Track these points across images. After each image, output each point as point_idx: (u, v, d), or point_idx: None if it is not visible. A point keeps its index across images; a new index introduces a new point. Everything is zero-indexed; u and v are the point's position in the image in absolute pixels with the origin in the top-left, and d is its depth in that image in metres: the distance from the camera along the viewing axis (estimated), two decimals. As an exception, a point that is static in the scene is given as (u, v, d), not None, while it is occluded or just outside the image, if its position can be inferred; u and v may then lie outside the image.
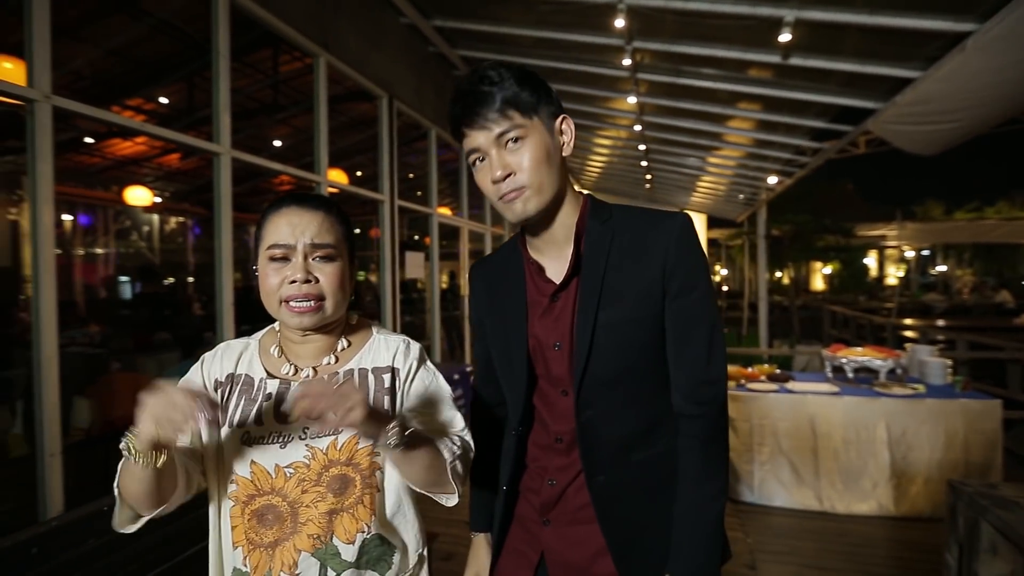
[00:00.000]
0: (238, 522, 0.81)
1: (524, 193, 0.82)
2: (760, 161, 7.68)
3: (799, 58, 3.74)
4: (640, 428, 0.87)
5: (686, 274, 0.83)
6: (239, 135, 2.91)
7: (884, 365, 3.13)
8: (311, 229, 0.81)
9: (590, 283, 0.84)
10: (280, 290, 0.80)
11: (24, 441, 2.28)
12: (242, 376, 0.85)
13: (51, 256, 2.02)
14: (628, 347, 0.84)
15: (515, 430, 0.93)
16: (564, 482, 0.90)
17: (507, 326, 0.92)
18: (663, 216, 0.86)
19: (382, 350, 0.90)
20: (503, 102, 0.79)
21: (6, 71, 3.23)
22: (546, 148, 0.82)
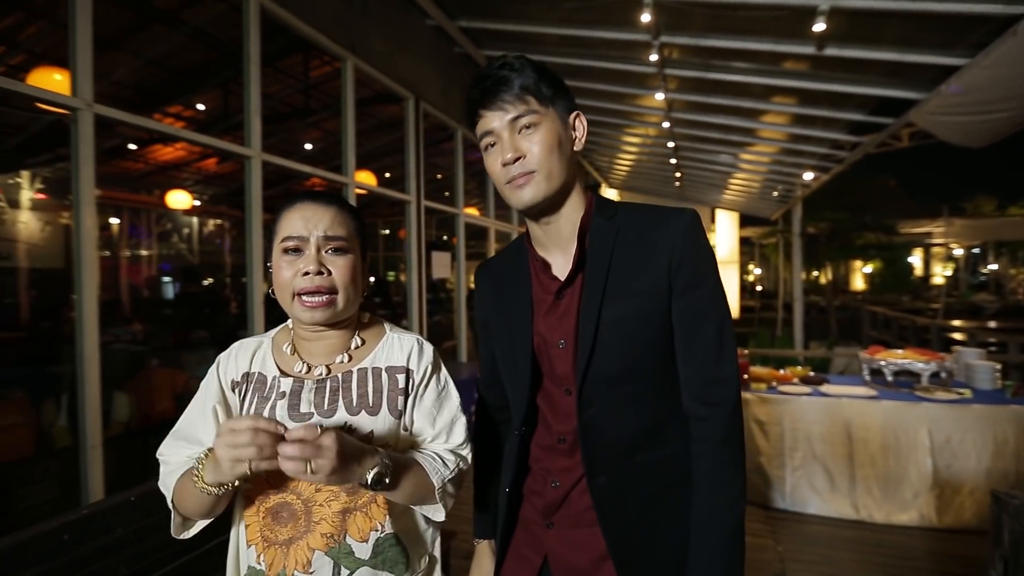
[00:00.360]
0: (252, 520, 0.82)
1: (533, 178, 0.82)
2: (795, 157, 7.44)
3: (835, 48, 3.60)
4: (645, 428, 0.85)
5: (693, 270, 0.82)
6: (272, 139, 2.99)
7: (927, 368, 2.98)
8: (324, 222, 0.82)
9: (594, 279, 0.83)
10: (293, 282, 0.81)
11: (68, 433, 2.40)
12: (255, 374, 0.86)
13: (93, 257, 2.11)
14: (633, 344, 0.83)
15: (518, 431, 0.92)
16: (568, 484, 0.88)
17: (512, 324, 0.91)
18: (669, 212, 0.85)
19: (396, 349, 0.90)
20: (521, 87, 0.81)
21: (56, 83, 3.41)
22: (558, 137, 0.83)
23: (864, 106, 4.99)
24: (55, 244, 7.74)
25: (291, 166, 3.35)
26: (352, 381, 0.85)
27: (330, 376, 0.85)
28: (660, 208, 0.87)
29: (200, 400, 0.87)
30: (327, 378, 0.85)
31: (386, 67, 4.02)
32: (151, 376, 2.91)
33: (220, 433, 0.68)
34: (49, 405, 2.47)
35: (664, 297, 0.82)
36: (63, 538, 0.92)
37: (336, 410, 0.83)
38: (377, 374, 0.87)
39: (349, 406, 0.83)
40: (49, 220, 7.43)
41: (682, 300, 0.82)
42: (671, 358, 0.85)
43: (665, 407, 0.86)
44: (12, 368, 3.30)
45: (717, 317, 0.82)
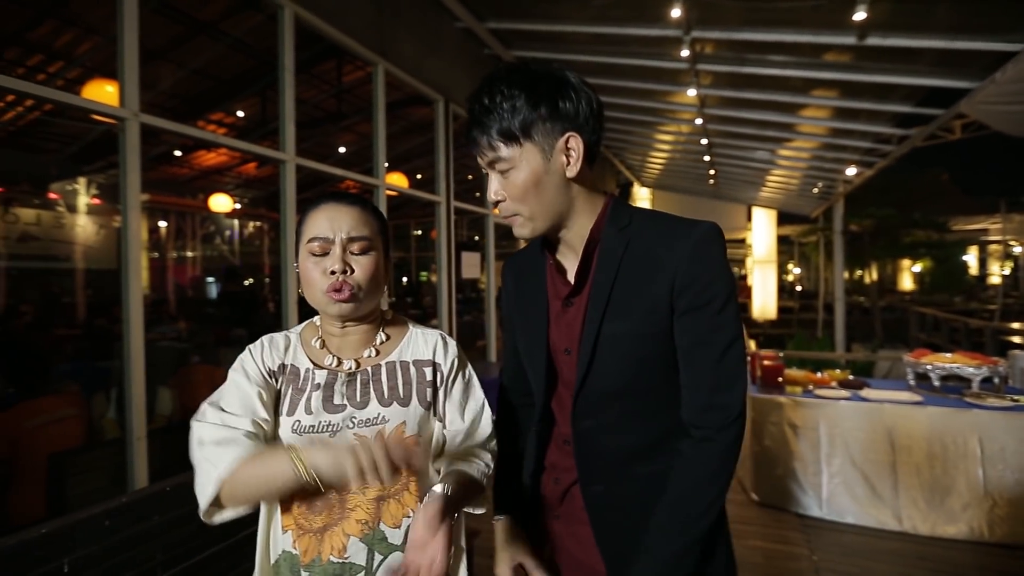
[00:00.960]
0: (288, 507, 0.84)
1: (516, 220, 0.84)
2: (837, 152, 7.15)
3: (877, 38, 3.44)
4: (644, 441, 0.84)
5: (699, 290, 0.78)
6: (307, 143, 3.08)
7: (978, 373, 2.82)
8: (348, 223, 0.86)
9: (599, 292, 0.83)
10: (321, 282, 0.85)
11: (116, 425, 2.54)
12: (289, 366, 0.89)
13: (139, 259, 2.23)
14: (630, 362, 0.82)
15: (537, 426, 0.94)
16: (567, 482, 0.90)
17: (530, 324, 0.93)
18: (682, 226, 0.81)
19: (420, 343, 0.94)
20: (490, 134, 0.79)
21: (108, 94, 3.62)
22: (535, 176, 0.80)
23: (911, 97, 4.75)
24: (109, 246, 8.19)
25: (324, 169, 3.44)
26: (382, 374, 0.89)
27: (360, 370, 0.89)
28: (674, 221, 0.83)
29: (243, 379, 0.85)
30: (357, 371, 0.89)
31: (416, 70, 4.08)
32: (192, 372, 3.05)
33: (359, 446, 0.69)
34: (100, 398, 2.62)
35: (665, 318, 0.80)
36: (104, 524, 0.98)
37: (369, 402, 0.86)
38: (405, 367, 0.91)
39: (381, 398, 0.87)
40: (103, 224, 7.87)
41: (682, 321, 0.79)
42: (675, 374, 0.83)
43: (668, 421, 0.84)
44: (68, 363, 3.51)
45: (722, 341, 0.78)
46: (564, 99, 0.79)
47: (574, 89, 0.80)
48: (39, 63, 4.69)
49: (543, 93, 0.78)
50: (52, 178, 6.55)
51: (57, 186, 6.64)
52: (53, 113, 5.52)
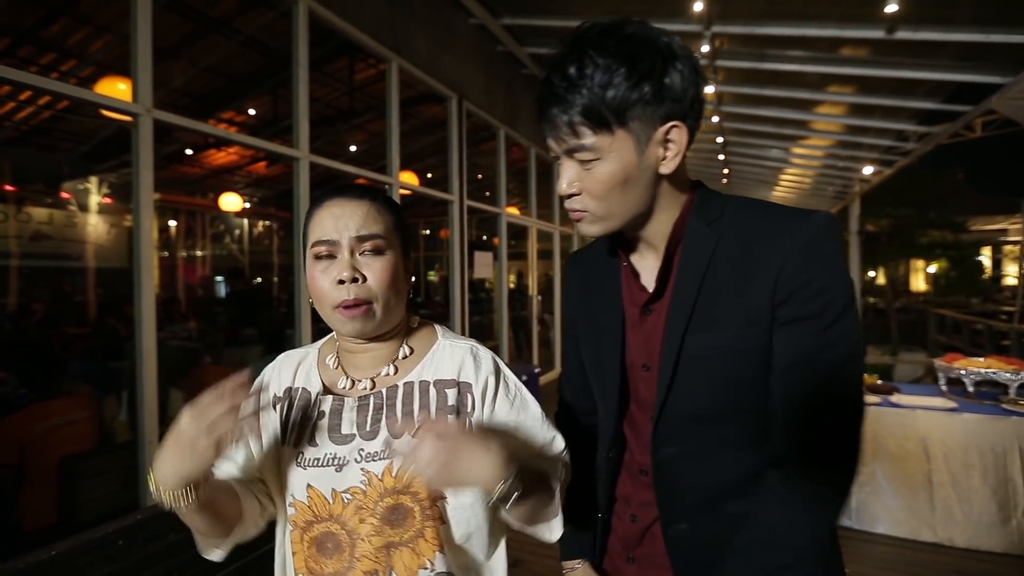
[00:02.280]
0: (298, 548, 0.75)
1: (584, 217, 0.70)
2: (853, 150, 7.02)
3: (907, 31, 3.33)
4: (736, 475, 0.71)
5: (807, 298, 0.63)
6: (319, 141, 3.03)
7: (1016, 379, 2.70)
8: (355, 220, 0.73)
9: (681, 299, 0.69)
10: (329, 295, 0.72)
11: (128, 428, 2.49)
12: (299, 390, 0.79)
13: (150, 257, 2.18)
14: (720, 382, 0.68)
15: (608, 453, 0.81)
16: (647, 520, 0.77)
17: (600, 335, 0.79)
18: (788, 218, 0.66)
19: (446, 359, 0.79)
20: (575, 114, 0.63)
21: (120, 92, 3.58)
22: (624, 172, 0.65)
23: (935, 93, 4.64)
24: (120, 245, 8.20)
25: (337, 167, 3.39)
26: (397, 397, 0.76)
27: (374, 392, 0.77)
28: (777, 211, 0.68)
29: None
30: (371, 394, 0.76)
31: (430, 67, 4.02)
32: (204, 373, 3.00)
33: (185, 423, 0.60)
34: (111, 400, 2.58)
35: (764, 331, 0.65)
36: (118, 543, 0.92)
37: (379, 431, 0.74)
38: (424, 389, 0.77)
39: (392, 427, 0.74)
40: (114, 223, 7.89)
41: (784, 335, 0.64)
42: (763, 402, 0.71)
43: (765, 452, 0.71)
44: (79, 363, 3.48)
45: (833, 360, 0.63)
46: (672, 75, 0.62)
47: (682, 62, 0.63)
48: (52, 61, 4.67)
49: (648, 67, 0.61)
50: (64, 177, 6.56)
51: (69, 185, 6.65)
52: (66, 111, 5.51)
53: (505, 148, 5.37)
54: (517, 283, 8.54)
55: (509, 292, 6.20)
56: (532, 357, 6.40)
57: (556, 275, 7.32)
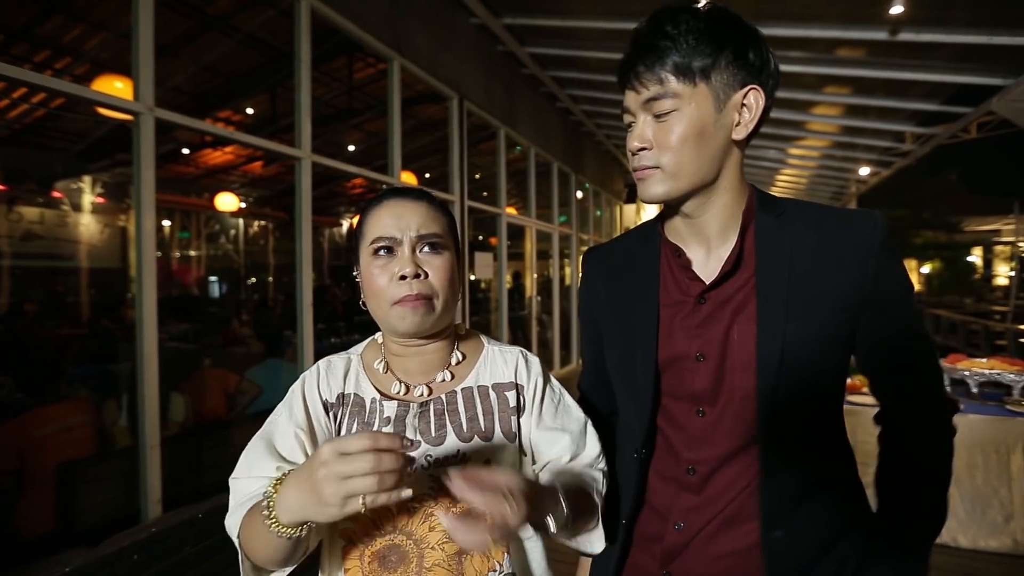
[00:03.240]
0: (354, 564, 0.71)
1: (655, 174, 0.70)
2: (849, 151, 7.06)
3: (910, 33, 3.34)
4: (817, 469, 0.72)
5: (895, 283, 0.70)
6: (316, 141, 2.99)
7: (1018, 380, 2.72)
8: (416, 219, 0.74)
9: (772, 286, 0.69)
10: (389, 290, 0.72)
11: (128, 432, 2.45)
12: (351, 396, 0.76)
13: (152, 258, 2.14)
14: (815, 370, 0.70)
15: (637, 453, 0.78)
16: (696, 527, 0.73)
17: (632, 328, 0.77)
18: (854, 214, 0.72)
19: (499, 363, 0.80)
20: (663, 63, 0.66)
21: (117, 90, 3.53)
22: (701, 126, 0.67)
23: (933, 95, 4.66)
24: (113, 245, 8.11)
25: (339, 167, 3.36)
26: (458, 402, 0.75)
27: (433, 397, 0.75)
28: (840, 210, 0.74)
29: (285, 414, 0.74)
30: (430, 400, 0.75)
31: (431, 67, 3.99)
32: (204, 376, 2.97)
33: (324, 461, 0.53)
34: (110, 404, 2.54)
35: (853, 317, 0.70)
36: (133, 559, 0.89)
37: (445, 436, 0.73)
38: (484, 393, 0.77)
39: (459, 431, 0.73)
40: (108, 223, 7.80)
41: (883, 316, 0.70)
42: (843, 389, 0.75)
43: (836, 446, 0.74)
44: (76, 366, 3.42)
45: (924, 336, 0.73)
46: (753, 49, 0.68)
47: (764, 44, 0.69)
48: (46, 59, 4.61)
49: (732, 35, 0.67)
50: (57, 176, 6.47)
51: (62, 184, 6.56)
52: (60, 109, 5.43)
53: (505, 148, 5.35)
54: (514, 283, 8.53)
55: (507, 292, 6.18)
56: (531, 358, 6.38)
57: (555, 275, 7.31)
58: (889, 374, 0.74)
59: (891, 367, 0.73)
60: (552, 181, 6.70)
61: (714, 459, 0.72)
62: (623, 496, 0.80)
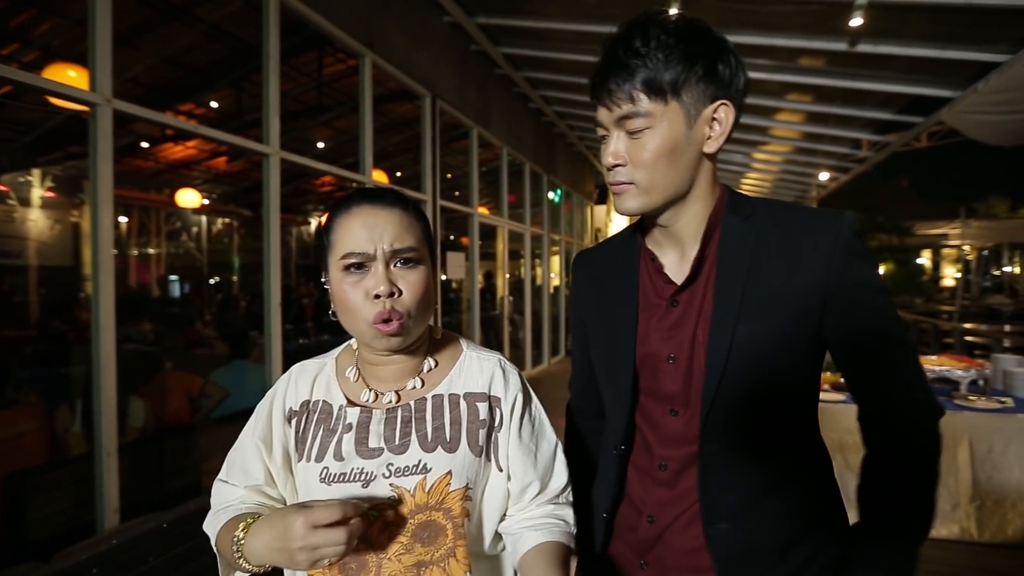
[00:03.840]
0: (315, 572, 0.70)
1: (629, 189, 0.71)
2: (810, 156, 7.33)
3: (868, 44, 3.49)
4: (779, 471, 0.73)
5: (865, 284, 0.69)
6: (284, 137, 2.92)
7: (965, 376, 2.87)
8: (390, 231, 0.70)
9: (728, 287, 0.71)
10: (363, 310, 0.69)
11: (82, 439, 2.33)
12: (319, 403, 0.75)
13: (110, 256, 2.05)
14: (772, 370, 0.70)
15: (616, 450, 0.80)
16: (666, 520, 0.76)
17: (613, 329, 0.80)
18: (822, 215, 0.72)
19: (474, 371, 0.78)
20: (634, 81, 0.67)
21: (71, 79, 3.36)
22: (673, 142, 0.69)
23: (887, 105, 4.88)
24: (64, 242, 7.72)
25: (309, 164, 3.29)
26: (426, 410, 0.74)
27: (401, 404, 0.74)
28: (809, 210, 0.75)
29: (252, 425, 0.76)
30: (398, 406, 0.74)
31: (404, 64, 3.95)
32: (165, 379, 2.85)
33: (296, 535, 0.58)
34: (63, 409, 2.41)
35: (814, 321, 0.70)
36: (92, 572, 0.84)
37: (409, 445, 0.71)
38: (455, 402, 0.75)
39: (423, 441, 0.72)
40: (59, 218, 7.42)
41: (854, 317, 0.69)
42: (811, 388, 0.75)
43: (802, 449, 0.75)
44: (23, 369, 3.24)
45: (902, 334, 0.71)
46: (723, 63, 0.68)
47: (734, 56, 0.69)
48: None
49: (702, 50, 0.67)
50: (3, 169, 6.12)
51: (8, 178, 6.21)
52: (6, 98, 5.14)
53: (477, 147, 5.33)
54: (486, 283, 8.52)
55: (479, 292, 6.17)
56: (503, 358, 6.38)
57: (526, 275, 7.33)
58: (863, 377, 0.74)
59: (865, 370, 0.73)
60: (524, 181, 6.72)
61: (684, 457, 0.74)
62: (604, 490, 0.82)
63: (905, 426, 0.72)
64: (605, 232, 10.68)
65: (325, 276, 0.74)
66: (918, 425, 0.72)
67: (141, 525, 1.00)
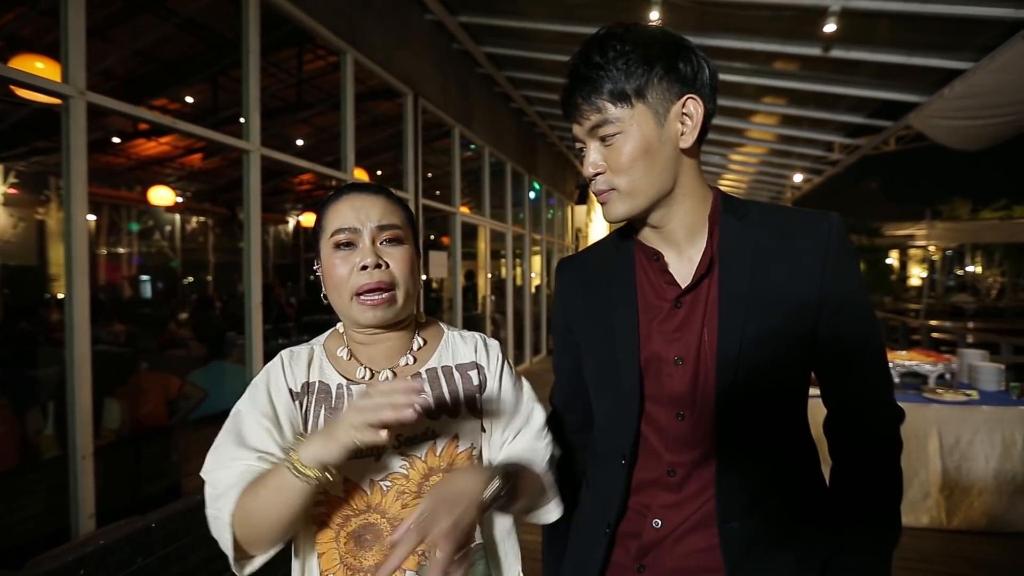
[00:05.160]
0: (329, 547, 0.73)
1: (612, 196, 0.73)
2: (785, 158, 7.51)
3: (840, 50, 3.60)
4: (780, 464, 0.75)
5: (851, 284, 0.72)
6: (264, 134, 2.87)
7: (933, 370, 2.98)
8: (375, 211, 0.76)
9: (734, 287, 0.72)
10: (351, 280, 0.74)
11: (55, 442, 2.26)
12: (316, 384, 0.77)
13: (85, 254, 1.99)
14: (777, 369, 0.72)
15: (623, 459, 0.78)
16: (673, 523, 0.75)
17: (612, 335, 0.78)
18: (812, 215, 0.74)
19: (460, 346, 0.85)
20: (598, 92, 0.69)
21: (39, 71, 3.24)
22: (646, 143, 0.70)
23: (858, 109, 5.04)
24: (29, 241, 7.44)
25: (291, 161, 3.24)
26: (424, 383, 0.79)
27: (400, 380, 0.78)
28: (799, 210, 0.76)
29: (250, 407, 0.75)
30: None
31: (385, 62, 3.92)
32: (141, 381, 2.77)
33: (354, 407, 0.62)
34: (34, 412, 2.32)
35: (813, 316, 0.72)
36: (79, 574, 0.81)
37: None
38: (448, 373, 0.81)
39: (427, 410, 0.76)
40: (23, 216, 7.15)
41: (840, 318, 0.72)
42: (806, 385, 0.77)
43: (798, 441, 0.77)
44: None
45: (877, 337, 0.74)
46: (683, 60, 0.70)
47: (694, 53, 0.72)
48: (-50, 34, 4.17)
49: (660, 52, 0.70)
50: (-37, 164, 5.87)
51: (-31, 174, 5.96)
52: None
53: (459, 146, 5.32)
54: (468, 283, 8.50)
55: (461, 292, 6.15)
56: (486, 357, 6.37)
57: (508, 275, 7.35)
58: (838, 376, 0.75)
59: (842, 368, 0.74)
60: (506, 181, 6.73)
61: (693, 460, 0.74)
62: (609, 502, 0.80)
63: (873, 436, 0.75)
64: (586, 232, 10.75)
65: (318, 264, 0.79)
66: (885, 433, 0.75)
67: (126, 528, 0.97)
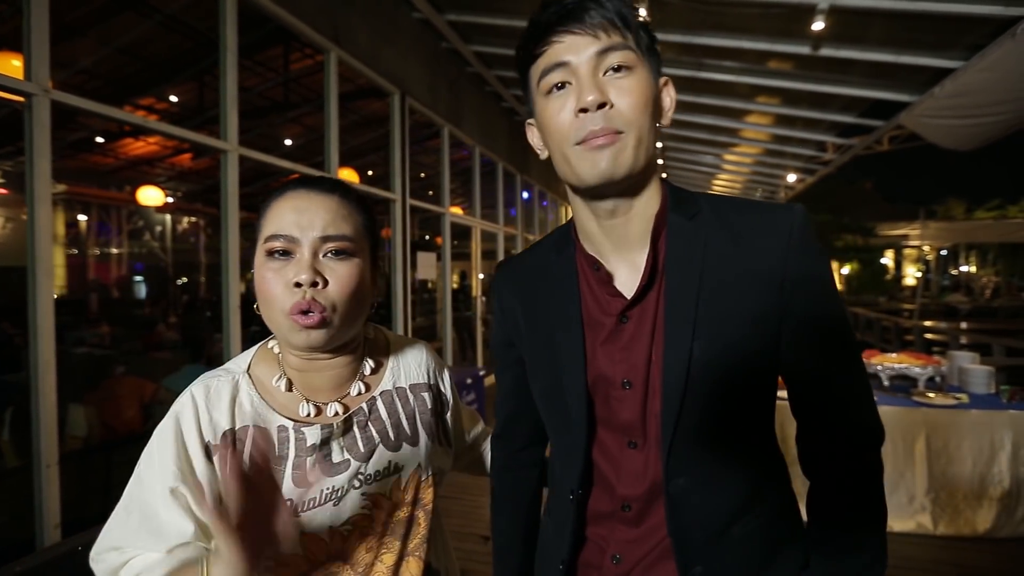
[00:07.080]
0: None
1: (619, 140, 0.58)
2: (778, 158, 7.49)
3: (830, 49, 3.56)
4: (743, 495, 0.64)
5: (818, 285, 0.61)
6: (250, 134, 2.83)
7: (923, 373, 2.95)
8: (322, 217, 0.63)
9: (680, 301, 0.61)
10: (281, 298, 0.61)
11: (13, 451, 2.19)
12: (247, 428, 0.64)
13: (48, 255, 1.94)
14: (734, 389, 0.61)
15: (573, 493, 0.68)
16: (634, 559, 0.66)
17: (556, 354, 0.68)
18: (772, 210, 0.63)
19: (411, 364, 0.77)
20: (617, 13, 0.58)
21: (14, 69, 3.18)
22: (652, 95, 0.60)
23: (850, 108, 5.01)
24: (17, 241, 7.36)
25: (270, 161, 3.18)
26: (379, 409, 0.70)
27: (352, 412, 0.69)
28: (758, 204, 0.65)
29: (158, 472, 0.62)
30: (352, 414, 0.68)
31: (371, 60, 3.87)
32: (115, 385, 2.71)
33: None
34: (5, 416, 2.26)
35: (774, 327, 0.61)
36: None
37: (375, 448, 0.68)
38: (403, 395, 0.74)
39: (387, 440, 0.68)
40: (10, 216, 7.08)
41: (808, 326, 0.62)
42: (770, 398, 0.66)
43: (764, 464, 0.67)
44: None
45: (852, 344, 0.64)
46: (656, 44, 0.63)
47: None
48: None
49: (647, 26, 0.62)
50: (-54, 164, 5.81)
51: (-47, 174, 5.89)
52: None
53: (449, 146, 5.28)
54: (460, 283, 8.45)
55: (452, 292, 6.10)
56: (476, 358, 6.34)
57: (501, 276, 7.29)
58: (811, 388, 0.65)
59: (814, 379, 0.64)
60: (497, 181, 6.68)
61: (648, 493, 0.65)
62: (559, 537, 0.71)
63: (847, 464, 0.64)
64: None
65: (253, 268, 0.66)
66: (860, 460, 0.64)
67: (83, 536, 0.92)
